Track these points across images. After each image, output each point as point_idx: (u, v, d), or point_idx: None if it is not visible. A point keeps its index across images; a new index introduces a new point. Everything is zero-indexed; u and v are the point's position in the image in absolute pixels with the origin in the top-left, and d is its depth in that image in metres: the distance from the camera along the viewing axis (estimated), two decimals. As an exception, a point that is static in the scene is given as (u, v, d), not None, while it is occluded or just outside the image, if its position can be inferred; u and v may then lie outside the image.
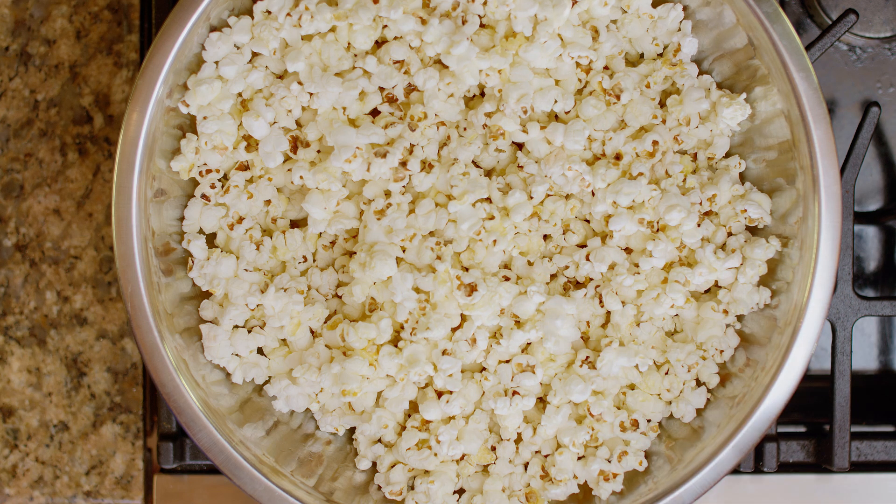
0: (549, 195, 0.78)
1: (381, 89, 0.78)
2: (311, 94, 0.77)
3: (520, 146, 0.79)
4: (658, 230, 0.78)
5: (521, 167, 0.77)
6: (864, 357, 0.94)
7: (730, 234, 0.79)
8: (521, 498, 0.79)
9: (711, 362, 0.79)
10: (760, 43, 0.75)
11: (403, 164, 0.76)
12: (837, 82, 0.93)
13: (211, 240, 0.80)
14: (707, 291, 0.80)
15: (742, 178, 0.80)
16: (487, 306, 0.76)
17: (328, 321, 0.79)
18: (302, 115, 0.79)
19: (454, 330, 0.77)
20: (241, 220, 0.78)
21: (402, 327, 0.77)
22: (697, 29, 0.80)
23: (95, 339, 0.92)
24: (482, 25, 0.78)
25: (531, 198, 0.77)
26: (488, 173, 0.80)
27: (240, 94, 0.78)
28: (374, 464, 0.81)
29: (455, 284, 0.75)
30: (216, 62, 0.77)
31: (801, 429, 0.91)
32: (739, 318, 0.80)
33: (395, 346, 0.78)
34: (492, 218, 0.77)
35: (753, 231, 0.79)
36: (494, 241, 0.76)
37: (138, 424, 0.92)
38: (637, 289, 0.78)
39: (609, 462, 0.78)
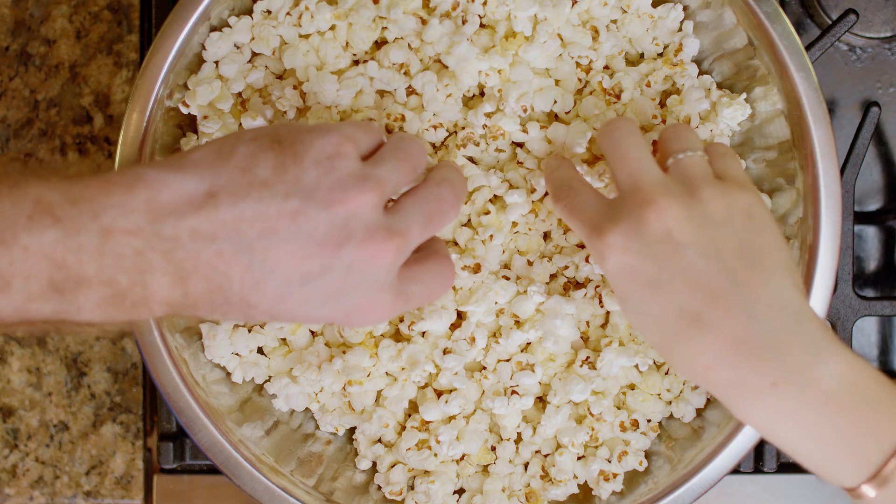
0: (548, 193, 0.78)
1: (381, 93, 0.78)
2: (305, 94, 0.77)
3: (520, 146, 0.79)
4: (658, 230, 0.77)
5: (521, 163, 0.77)
6: (864, 357, 0.94)
7: (730, 234, 0.79)
8: (521, 498, 0.79)
9: (711, 362, 0.79)
10: (760, 43, 0.75)
11: None
12: (837, 82, 0.93)
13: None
14: (707, 291, 0.80)
15: (742, 178, 0.80)
16: (483, 301, 0.75)
17: (328, 320, 0.79)
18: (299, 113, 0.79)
19: (453, 328, 0.77)
20: (241, 219, 0.78)
21: (402, 319, 0.77)
22: (697, 29, 0.79)
23: (95, 339, 0.92)
24: (482, 25, 0.78)
25: (534, 191, 0.77)
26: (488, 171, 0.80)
27: (240, 94, 0.78)
28: (374, 464, 0.81)
29: (460, 266, 0.75)
30: (216, 62, 0.77)
31: (801, 429, 0.91)
32: (739, 318, 0.79)
33: (396, 343, 0.78)
34: (487, 213, 0.77)
35: (753, 231, 0.79)
36: (491, 235, 0.76)
37: (138, 424, 0.92)
38: (637, 289, 0.78)
39: (609, 462, 0.78)
